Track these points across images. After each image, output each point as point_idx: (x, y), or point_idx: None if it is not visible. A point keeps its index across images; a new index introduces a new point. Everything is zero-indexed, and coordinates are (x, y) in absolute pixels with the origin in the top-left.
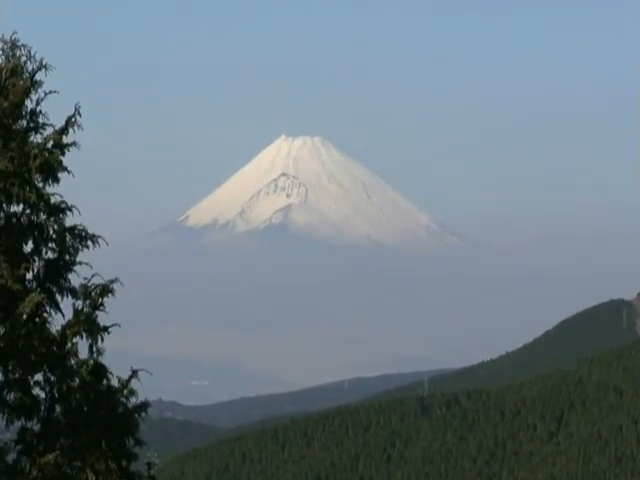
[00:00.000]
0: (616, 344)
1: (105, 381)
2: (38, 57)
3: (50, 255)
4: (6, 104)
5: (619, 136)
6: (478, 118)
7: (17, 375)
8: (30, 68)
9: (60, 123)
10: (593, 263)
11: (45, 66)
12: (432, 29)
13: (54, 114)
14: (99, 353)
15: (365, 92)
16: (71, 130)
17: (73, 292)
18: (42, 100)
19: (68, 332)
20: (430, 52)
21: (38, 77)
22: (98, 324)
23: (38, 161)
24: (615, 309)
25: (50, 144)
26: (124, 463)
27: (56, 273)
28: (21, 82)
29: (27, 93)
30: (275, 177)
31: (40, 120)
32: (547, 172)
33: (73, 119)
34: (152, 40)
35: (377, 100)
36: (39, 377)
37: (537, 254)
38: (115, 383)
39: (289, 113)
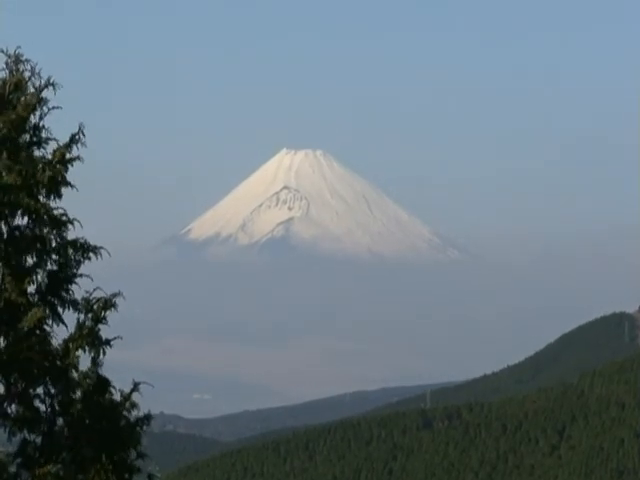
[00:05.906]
0: (618, 357)
1: (107, 394)
2: (41, 69)
3: (52, 267)
4: (14, 117)
5: (621, 152)
6: (480, 131)
7: (19, 388)
8: (37, 84)
9: (62, 135)
10: (594, 276)
11: (53, 84)
12: (433, 41)
13: (55, 126)
14: (99, 365)
15: (367, 105)
16: (74, 147)
17: (75, 305)
18: (45, 115)
19: (70, 345)
20: (431, 64)
21: (44, 94)
22: (100, 337)
23: (46, 175)
24: (617, 322)
25: (56, 160)
26: (126, 476)
27: (58, 286)
28: (28, 97)
29: (33, 109)
30: (277, 190)
31: (43, 135)
32: (548, 185)
33: (77, 137)
34: (153, 53)
35: (379, 113)
36: (41, 390)
37: (539, 267)
38: (117, 396)
39: (291, 126)
